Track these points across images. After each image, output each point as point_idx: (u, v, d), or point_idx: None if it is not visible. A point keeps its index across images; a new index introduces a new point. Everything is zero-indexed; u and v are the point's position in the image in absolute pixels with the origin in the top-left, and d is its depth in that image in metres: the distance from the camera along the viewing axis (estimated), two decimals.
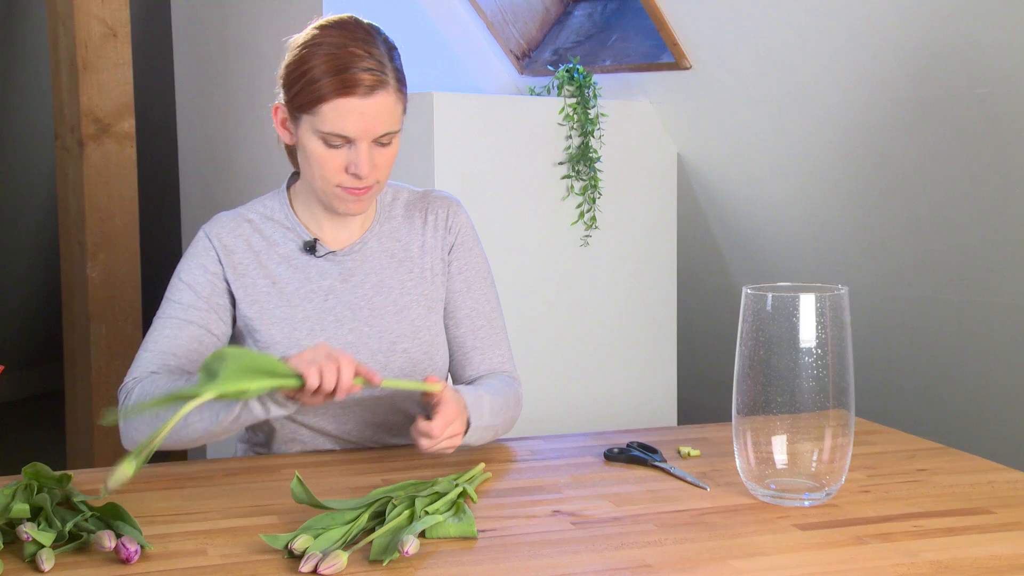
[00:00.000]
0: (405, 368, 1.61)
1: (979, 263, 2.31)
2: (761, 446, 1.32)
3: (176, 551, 1.18)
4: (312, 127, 1.50)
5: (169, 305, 1.58)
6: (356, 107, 1.47)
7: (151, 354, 1.55)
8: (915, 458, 1.55)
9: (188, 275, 1.59)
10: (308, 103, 1.48)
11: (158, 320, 1.58)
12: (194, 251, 1.61)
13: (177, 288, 1.59)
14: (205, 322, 1.58)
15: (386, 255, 1.65)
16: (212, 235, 1.61)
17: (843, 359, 1.30)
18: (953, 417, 2.52)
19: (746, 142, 2.72)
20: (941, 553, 1.18)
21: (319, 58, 1.48)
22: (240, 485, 1.43)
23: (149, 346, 1.56)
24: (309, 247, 1.62)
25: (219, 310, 1.59)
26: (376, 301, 1.62)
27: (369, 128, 1.48)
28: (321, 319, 1.59)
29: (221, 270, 1.59)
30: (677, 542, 1.21)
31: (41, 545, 1.14)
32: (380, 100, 1.48)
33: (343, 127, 1.48)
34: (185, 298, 1.58)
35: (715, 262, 3.11)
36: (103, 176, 3.05)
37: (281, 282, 1.60)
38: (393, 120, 1.51)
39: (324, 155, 1.51)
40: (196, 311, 1.57)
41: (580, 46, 3.03)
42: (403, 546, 1.13)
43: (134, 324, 3.09)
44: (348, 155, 1.50)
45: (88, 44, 3.00)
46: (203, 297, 1.58)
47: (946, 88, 2.15)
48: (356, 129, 1.48)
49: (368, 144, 1.50)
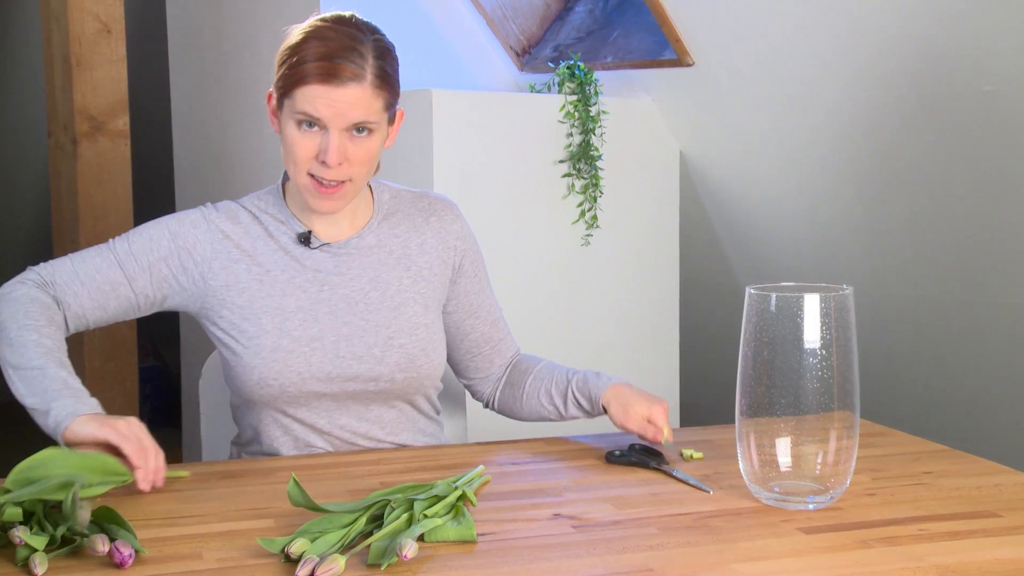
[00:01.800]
0: (401, 363, 1.63)
1: (985, 262, 2.31)
2: (765, 448, 1.32)
3: (171, 555, 1.18)
4: (290, 111, 1.54)
5: (122, 241, 1.62)
6: (326, 93, 1.51)
7: (68, 272, 1.59)
8: (920, 460, 1.55)
9: (157, 230, 1.62)
10: (288, 87, 1.53)
11: (104, 245, 1.62)
12: (183, 217, 1.64)
13: (141, 234, 1.62)
14: (134, 275, 1.60)
15: (383, 251, 1.67)
16: (211, 219, 1.64)
17: (848, 360, 1.30)
18: (958, 418, 2.52)
19: (749, 140, 2.72)
20: (947, 557, 1.18)
21: (306, 47, 1.52)
22: (236, 488, 1.43)
23: (76, 262, 1.60)
24: (303, 238, 1.64)
25: (157, 278, 1.61)
26: (373, 296, 1.64)
27: (339, 114, 1.51)
28: (314, 309, 1.61)
29: (189, 251, 1.61)
30: (679, 546, 1.21)
31: (34, 549, 1.14)
32: (353, 91, 1.51)
33: (313, 108, 1.51)
34: (137, 247, 1.61)
35: (718, 262, 3.10)
36: (97, 174, 3.05)
37: (275, 271, 1.62)
38: (367, 112, 1.53)
39: (296, 138, 1.54)
40: (134, 264, 1.60)
41: (581, 42, 3.03)
42: (401, 550, 1.13)
43: (128, 324, 3.09)
44: (320, 142, 1.53)
45: (82, 40, 3.00)
46: (155, 256, 1.60)
47: (950, 86, 2.15)
48: (326, 113, 1.51)
49: (339, 133, 1.52)
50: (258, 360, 1.58)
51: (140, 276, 1.60)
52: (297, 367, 1.58)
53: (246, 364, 1.59)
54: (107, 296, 1.60)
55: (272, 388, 1.58)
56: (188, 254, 1.61)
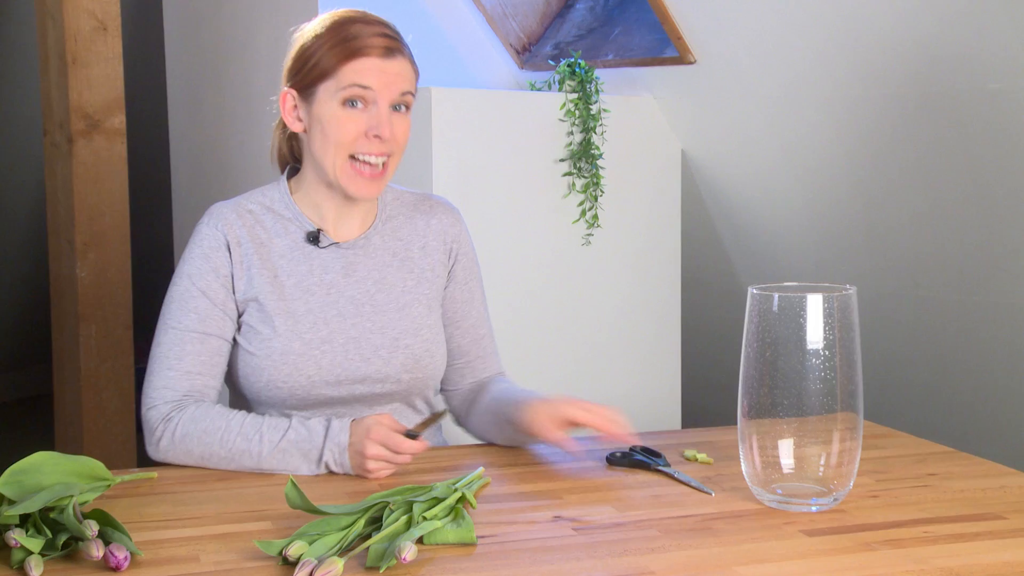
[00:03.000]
0: (407, 364, 1.64)
1: (989, 262, 2.31)
2: (767, 450, 1.32)
3: (168, 558, 1.18)
4: (331, 91, 1.56)
5: (185, 314, 1.58)
6: (380, 65, 1.55)
7: (177, 374, 1.56)
8: (925, 462, 1.55)
9: (201, 280, 1.59)
10: (327, 70, 1.55)
11: (174, 331, 1.58)
12: (202, 249, 1.61)
13: (191, 294, 1.59)
14: (222, 331, 1.59)
15: (388, 252, 1.68)
16: (222, 228, 1.62)
17: (851, 361, 1.30)
18: (963, 419, 2.52)
19: (752, 138, 2.73)
20: (951, 560, 1.18)
21: (332, 34, 1.57)
22: (233, 489, 1.43)
23: (172, 363, 1.56)
24: (312, 237, 1.64)
25: (231, 314, 1.61)
26: (379, 298, 1.65)
27: (390, 84, 1.56)
28: (324, 312, 1.61)
29: (230, 268, 1.61)
30: (681, 548, 1.21)
31: (29, 552, 1.14)
32: (400, 63, 1.58)
33: (367, 80, 1.55)
34: (201, 307, 1.58)
35: (720, 261, 3.11)
36: (93, 173, 3.05)
37: (282, 275, 1.62)
38: (411, 83, 1.59)
39: (343, 117, 1.56)
40: (213, 321, 1.58)
41: (582, 40, 3.03)
42: (400, 552, 1.13)
43: (125, 325, 3.09)
44: (368, 118, 1.56)
45: (77, 38, 3.00)
46: (218, 304, 1.59)
47: (954, 84, 2.15)
48: (379, 83, 1.55)
49: (388, 107, 1.57)
50: (268, 363, 1.58)
51: (226, 327, 1.59)
52: (307, 370, 1.59)
53: (256, 366, 1.59)
54: (221, 367, 1.60)
55: (281, 391, 1.59)
56: (228, 278, 1.60)
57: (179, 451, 1.52)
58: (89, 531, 1.15)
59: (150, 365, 1.58)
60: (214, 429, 1.51)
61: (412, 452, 1.46)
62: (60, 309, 3.15)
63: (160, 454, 1.53)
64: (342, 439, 1.47)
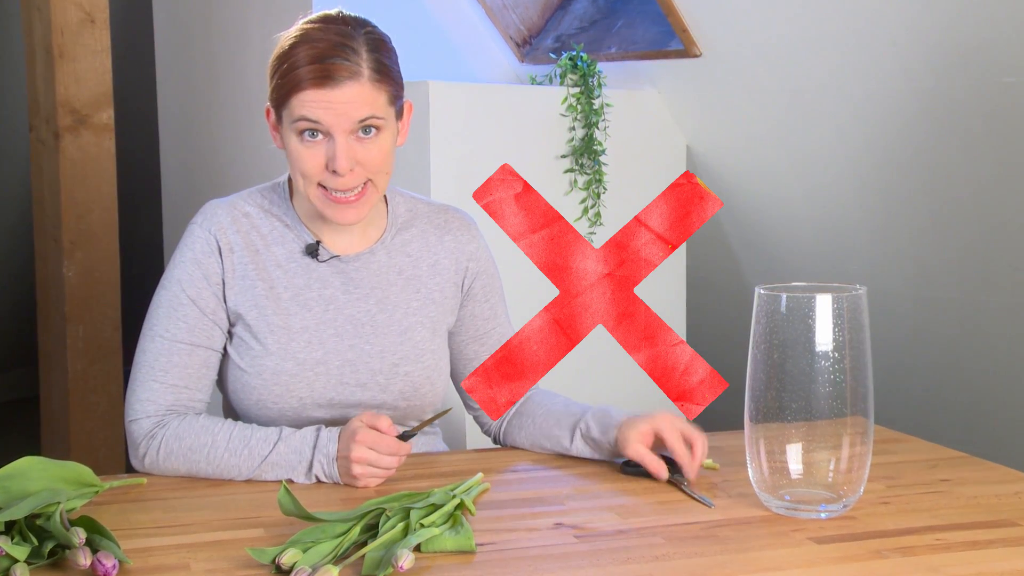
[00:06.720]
0: (405, 391, 1.61)
1: (1005, 262, 2.31)
2: (775, 455, 1.32)
3: (157, 566, 1.18)
4: (289, 121, 1.50)
5: (173, 323, 1.56)
6: (324, 96, 1.47)
7: (161, 386, 1.55)
8: (937, 468, 1.55)
9: (191, 287, 1.57)
10: (283, 96, 1.49)
11: (161, 340, 1.56)
12: (193, 253, 1.58)
13: (180, 302, 1.56)
14: (211, 342, 1.57)
15: (394, 270, 1.63)
16: (214, 232, 1.58)
17: (861, 363, 1.30)
18: (979, 426, 2.52)
19: (758, 134, 2.73)
20: (965, 568, 1.18)
21: (296, 52, 1.49)
22: (225, 496, 1.43)
23: (157, 375, 1.55)
24: (311, 250, 1.60)
25: (221, 324, 1.58)
26: (380, 319, 1.61)
27: (340, 116, 1.47)
28: (320, 331, 1.58)
29: (221, 274, 1.57)
30: (686, 556, 1.21)
31: (15, 560, 1.14)
32: (350, 90, 1.47)
33: (311, 113, 1.47)
34: (190, 316, 1.56)
35: (726, 261, 3.11)
36: (80, 170, 3.05)
37: (278, 287, 1.58)
38: (371, 108, 1.49)
39: (301, 151, 1.50)
40: (203, 331, 1.57)
41: (584, 32, 3.03)
42: (397, 560, 1.13)
43: (113, 325, 3.10)
44: (327, 149, 1.50)
45: (64, 30, 3.00)
46: (208, 313, 1.57)
47: (970, 78, 2.15)
48: (326, 117, 1.47)
49: (345, 136, 1.49)
50: (259, 381, 1.56)
51: (215, 337, 1.57)
52: (299, 392, 1.56)
53: (246, 383, 1.57)
54: (210, 380, 1.59)
55: (271, 411, 1.57)
56: (219, 285, 1.58)
57: (165, 468, 1.51)
58: (76, 539, 1.15)
59: (134, 373, 1.57)
60: (199, 446, 1.50)
61: (396, 453, 1.44)
62: (47, 309, 3.15)
63: (145, 469, 1.53)
64: (331, 449, 1.46)
